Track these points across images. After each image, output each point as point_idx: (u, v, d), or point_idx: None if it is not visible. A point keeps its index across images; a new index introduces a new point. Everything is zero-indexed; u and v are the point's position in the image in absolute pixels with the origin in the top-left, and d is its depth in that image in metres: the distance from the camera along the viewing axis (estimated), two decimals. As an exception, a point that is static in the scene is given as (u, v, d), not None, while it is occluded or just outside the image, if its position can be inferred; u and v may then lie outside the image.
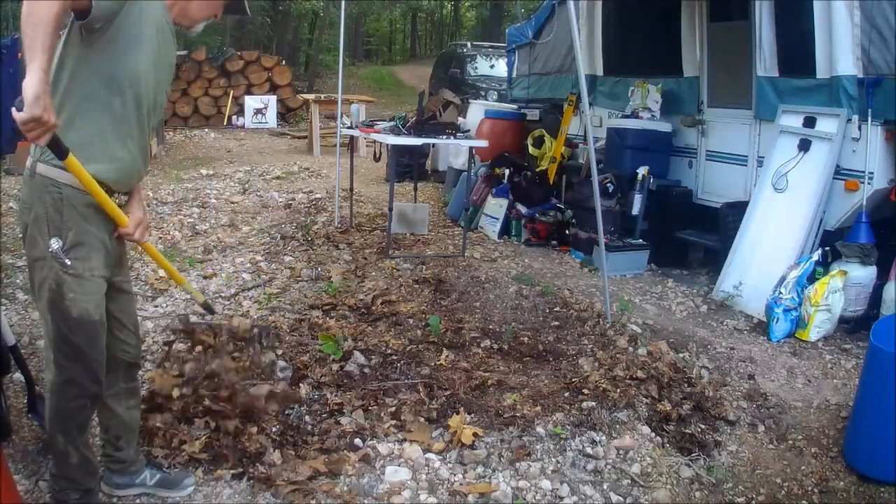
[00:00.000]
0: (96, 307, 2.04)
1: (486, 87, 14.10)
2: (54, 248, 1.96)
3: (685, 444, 2.91)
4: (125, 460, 2.35)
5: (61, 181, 1.95)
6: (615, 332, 3.96)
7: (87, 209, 1.99)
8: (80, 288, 1.99)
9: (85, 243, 2.00)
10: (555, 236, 6.14)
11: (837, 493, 2.69)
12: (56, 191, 1.95)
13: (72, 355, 2.03)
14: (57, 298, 1.98)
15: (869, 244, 4.25)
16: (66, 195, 1.96)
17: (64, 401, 2.06)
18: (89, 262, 2.01)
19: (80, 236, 1.99)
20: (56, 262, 1.97)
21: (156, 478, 2.40)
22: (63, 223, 1.97)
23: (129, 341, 2.26)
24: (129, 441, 2.35)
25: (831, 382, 3.60)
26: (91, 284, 2.02)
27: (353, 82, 23.57)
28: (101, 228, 2.05)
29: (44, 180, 1.96)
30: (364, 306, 4.19)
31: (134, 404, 2.35)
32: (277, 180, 8.73)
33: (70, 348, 2.02)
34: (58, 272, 1.97)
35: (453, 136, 5.58)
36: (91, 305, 2.02)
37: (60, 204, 1.96)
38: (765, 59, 5.00)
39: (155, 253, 2.42)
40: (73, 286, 1.98)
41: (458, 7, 38.46)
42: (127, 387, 2.30)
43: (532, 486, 2.59)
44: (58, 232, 1.96)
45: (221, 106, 14.96)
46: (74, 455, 2.11)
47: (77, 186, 1.95)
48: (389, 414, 2.97)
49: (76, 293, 1.99)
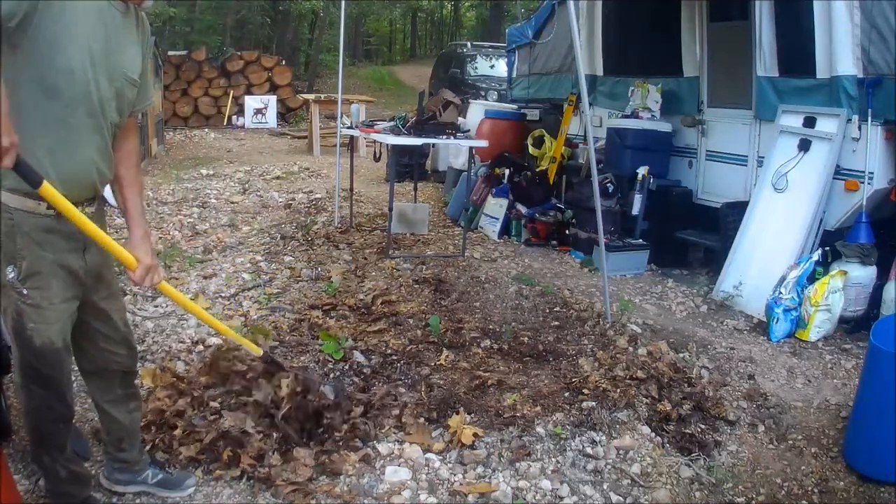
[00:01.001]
0: (59, 334, 1.94)
1: (486, 87, 14.10)
2: (10, 277, 1.84)
3: (685, 444, 2.91)
4: (129, 461, 2.36)
5: (11, 206, 1.81)
6: (615, 332, 3.96)
7: (41, 234, 1.85)
8: (39, 317, 1.89)
9: (41, 271, 1.87)
10: (555, 236, 6.14)
11: (837, 493, 2.69)
12: (7, 217, 1.81)
13: (41, 382, 1.97)
14: (19, 328, 1.90)
15: (869, 244, 4.24)
16: (18, 221, 1.82)
17: (41, 423, 2.04)
18: (48, 290, 1.89)
19: (35, 265, 1.86)
20: (13, 291, 1.86)
21: (157, 477, 2.40)
22: (17, 251, 1.84)
23: (119, 351, 2.20)
24: (132, 443, 2.35)
25: (831, 382, 3.60)
26: (50, 313, 1.91)
27: (353, 82, 23.55)
28: (61, 251, 1.91)
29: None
30: (364, 306, 4.19)
31: (134, 407, 2.34)
32: (277, 180, 8.73)
33: (38, 375, 1.96)
34: (16, 302, 1.87)
35: (453, 136, 5.58)
36: (54, 334, 1.92)
37: (12, 231, 1.82)
38: (765, 59, 5.00)
39: (179, 297, 2.30)
40: (32, 316, 1.88)
41: (458, 7, 38.45)
42: (125, 393, 2.29)
43: (532, 486, 2.59)
44: (11, 260, 1.84)
45: (221, 106, 14.97)
46: (62, 470, 2.11)
47: (29, 210, 1.81)
48: (392, 416, 2.97)
49: (36, 323, 1.89)
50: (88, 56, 1.84)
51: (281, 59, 17.31)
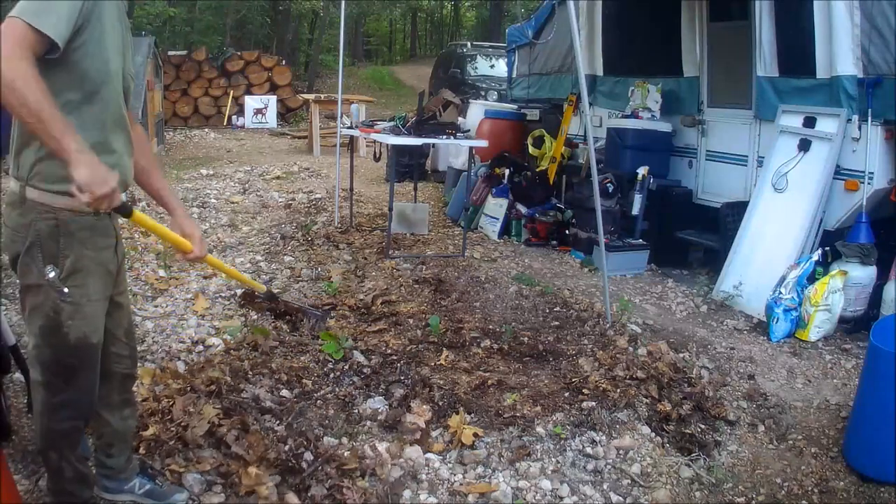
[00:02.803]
0: (94, 330, 1.99)
1: (486, 87, 14.10)
2: (51, 276, 1.86)
3: (685, 444, 2.91)
4: (114, 467, 2.32)
5: (56, 206, 1.85)
6: (615, 332, 3.96)
7: (83, 233, 1.90)
8: (78, 314, 1.93)
9: (83, 269, 1.91)
10: (555, 236, 6.14)
11: (837, 493, 2.69)
12: (50, 216, 1.85)
13: (67, 378, 1.98)
14: (54, 325, 1.91)
15: (869, 244, 4.25)
16: (62, 220, 1.86)
17: (56, 422, 2.03)
18: (86, 287, 1.93)
19: (77, 263, 1.90)
20: (53, 290, 1.88)
21: (145, 487, 2.35)
22: (59, 251, 1.87)
23: (122, 353, 2.21)
24: (121, 450, 2.31)
25: (831, 382, 3.60)
26: (89, 309, 1.95)
27: (353, 82, 23.54)
28: (100, 249, 1.97)
29: (36, 206, 1.85)
30: (364, 306, 4.19)
31: (129, 414, 2.31)
32: (277, 180, 8.73)
33: (66, 371, 1.97)
34: (55, 300, 1.89)
35: (453, 136, 5.58)
36: (89, 330, 1.96)
37: (56, 231, 1.86)
38: (765, 58, 5.00)
39: (213, 260, 2.49)
40: (71, 313, 1.91)
41: (458, 7, 38.46)
42: (121, 398, 2.27)
43: (532, 486, 2.59)
44: (53, 260, 1.87)
45: (221, 106, 14.97)
46: (68, 470, 2.09)
47: (73, 208, 1.84)
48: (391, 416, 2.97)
49: (74, 320, 1.92)
50: (120, 56, 1.93)
51: (281, 59, 17.30)
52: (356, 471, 2.56)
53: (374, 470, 2.59)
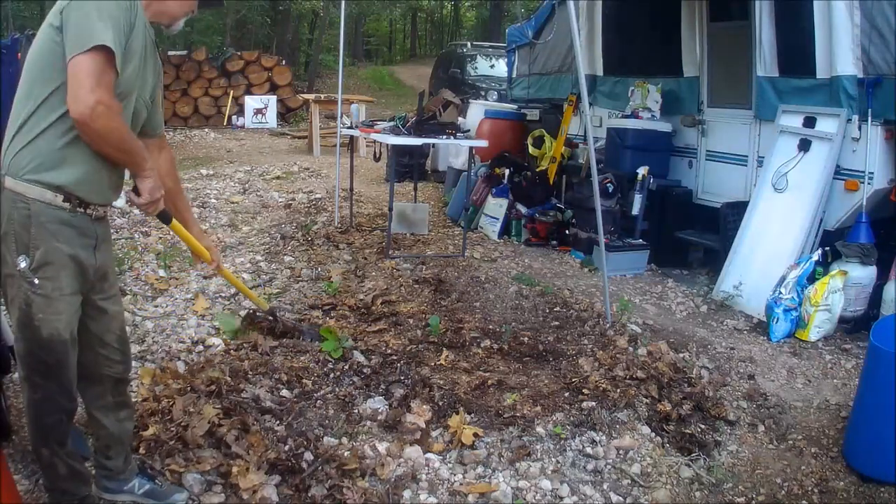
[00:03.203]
0: (66, 326, 1.98)
1: (486, 87, 14.10)
2: (22, 266, 1.88)
3: (685, 444, 2.91)
4: (113, 469, 2.32)
5: (29, 196, 1.87)
6: (615, 332, 3.96)
7: (56, 225, 1.91)
8: (48, 308, 1.92)
9: (54, 262, 1.91)
10: (555, 236, 6.14)
11: (837, 493, 2.69)
12: (24, 206, 1.87)
13: (45, 373, 1.99)
14: (26, 318, 1.93)
15: (869, 244, 4.25)
16: (35, 211, 1.88)
17: (42, 416, 2.04)
18: (58, 280, 1.93)
19: (48, 255, 1.90)
20: (24, 281, 1.90)
21: (145, 488, 2.35)
22: (31, 241, 1.88)
23: (113, 357, 2.20)
24: (119, 452, 2.31)
25: (831, 382, 3.60)
26: (60, 304, 1.95)
27: (353, 82, 23.54)
28: (74, 244, 1.96)
29: (12, 195, 1.88)
30: (364, 306, 4.19)
31: (125, 416, 2.31)
32: (277, 180, 8.72)
33: (42, 366, 1.98)
34: (26, 291, 1.91)
35: (453, 136, 5.58)
36: (61, 325, 1.96)
37: (28, 221, 1.88)
38: (765, 59, 5.00)
39: (226, 272, 2.77)
40: (41, 306, 1.92)
41: (458, 7, 38.44)
42: (116, 400, 2.27)
43: (532, 486, 2.59)
44: (25, 250, 1.88)
45: (221, 106, 14.96)
46: (62, 466, 2.09)
47: (47, 202, 1.88)
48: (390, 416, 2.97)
49: (45, 313, 1.92)
50: (138, 76, 2.00)
51: (281, 59, 17.29)
52: (356, 471, 2.56)
53: (374, 470, 2.59)
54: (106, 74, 1.81)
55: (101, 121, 1.80)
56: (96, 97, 1.77)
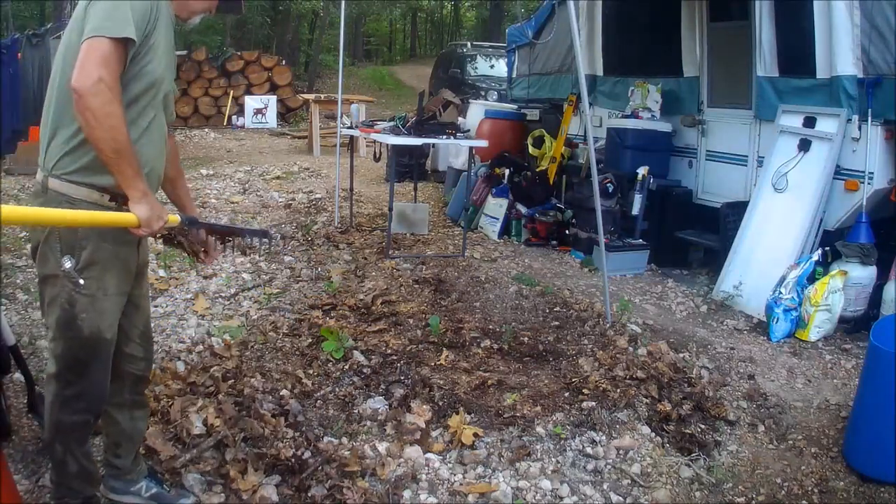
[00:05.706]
0: (109, 326, 2.00)
1: (486, 87, 14.09)
2: (67, 267, 1.89)
3: (685, 444, 2.91)
4: (121, 468, 2.32)
5: (76, 197, 1.88)
6: (615, 332, 3.96)
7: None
8: (92, 307, 1.94)
9: (99, 262, 1.93)
10: (555, 236, 6.14)
11: (837, 493, 2.69)
12: (70, 208, 1.86)
13: (80, 371, 1.99)
14: (69, 317, 1.93)
15: (869, 244, 4.25)
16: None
17: (67, 414, 2.03)
18: (103, 281, 1.95)
19: (94, 254, 1.92)
20: (69, 281, 1.90)
21: (151, 491, 2.35)
22: (77, 241, 1.90)
23: (136, 355, 2.22)
24: (128, 450, 2.31)
25: (831, 382, 3.60)
26: (104, 303, 1.96)
27: (353, 82, 23.53)
28: (120, 244, 1.97)
29: (57, 196, 1.88)
30: (364, 306, 4.19)
31: (140, 416, 2.31)
32: (277, 180, 8.73)
33: (79, 365, 1.99)
34: (70, 291, 1.91)
35: (453, 136, 5.58)
36: (104, 324, 1.98)
37: None
38: (765, 59, 5.00)
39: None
40: (85, 306, 1.93)
41: (458, 7, 38.45)
42: (133, 399, 2.28)
43: (532, 486, 2.59)
44: (70, 250, 1.89)
45: (221, 106, 14.96)
46: (73, 464, 2.09)
47: (94, 202, 1.89)
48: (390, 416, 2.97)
49: (88, 313, 1.94)
50: (169, 63, 2.00)
51: (281, 59, 17.29)
52: (356, 471, 2.56)
53: (374, 470, 2.59)
54: (115, 62, 1.79)
55: (100, 98, 1.74)
56: (100, 74, 1.74)
